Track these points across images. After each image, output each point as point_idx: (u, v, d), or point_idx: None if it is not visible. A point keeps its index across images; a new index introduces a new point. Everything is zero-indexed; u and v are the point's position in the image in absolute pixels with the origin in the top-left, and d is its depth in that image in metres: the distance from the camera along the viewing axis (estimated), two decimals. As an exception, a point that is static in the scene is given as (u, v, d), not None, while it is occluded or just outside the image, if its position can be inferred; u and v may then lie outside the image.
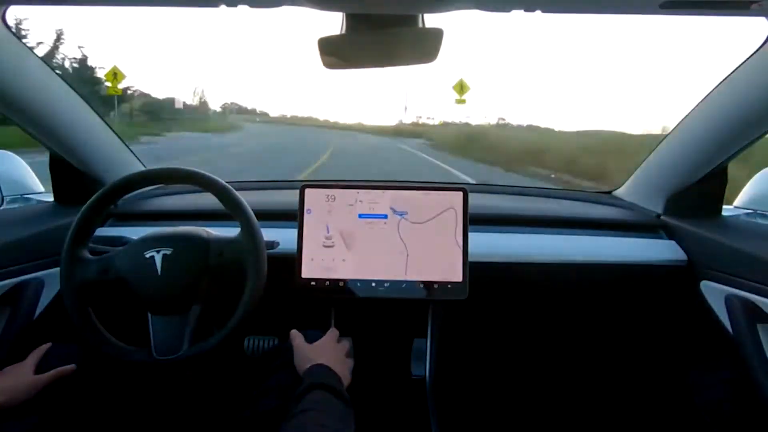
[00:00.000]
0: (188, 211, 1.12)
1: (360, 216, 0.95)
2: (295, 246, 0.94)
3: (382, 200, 0.96)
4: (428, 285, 0.93)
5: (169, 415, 0.95)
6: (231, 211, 0.81)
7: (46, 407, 0.72)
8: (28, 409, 0.70)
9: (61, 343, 0.83)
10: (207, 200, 0.97)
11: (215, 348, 0.77)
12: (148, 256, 0.78)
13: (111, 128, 1.13)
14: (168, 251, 0.78)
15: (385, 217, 0.95)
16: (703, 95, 0.95)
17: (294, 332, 0.83)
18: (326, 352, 0.78)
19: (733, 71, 0.86)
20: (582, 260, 1.04)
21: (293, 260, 0.94)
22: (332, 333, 0.85)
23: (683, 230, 1.05)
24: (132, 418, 0.88)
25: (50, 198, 1.15)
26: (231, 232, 0.85)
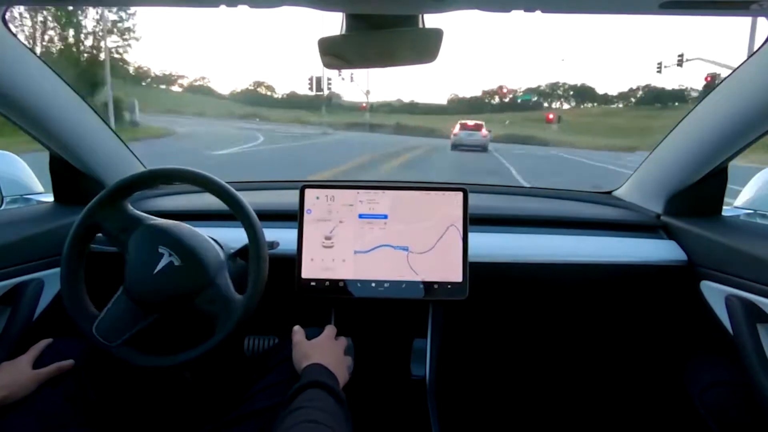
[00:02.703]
0: (189, 212, 1.12)
1: (360, 216, 0.95)
2: (295, 246, 0.94)
3: (382, 200, 0.96)
4: (428, 285, 0.93)
5: (168, 414, 0.95)
6: (234, 212, 0.81)
7: (44, 403, 0.72)
8: (27, 405, 0.70)
9: (61, 338, 0.83)
10: (208, 200, 0.97)
11: (201, 356, 0.77)
12: (159, 251, 0.78)
13: (111, 128, 1.13)
14: (176, 262, 0.78)
15: (385, 217, 0.95)
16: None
17: (296, 328, 0.83)
18: (323, 350, 0.78)
19: (734, 71, 0.86)
20: (582, 260, 1.04)
21: (293, 260, 0.94)
22: (330, 330, 0.85)
23: (683, 230, 1.05)
24: (130, 418, 0.88)
25: (50, 198, 1.15)
26: (232, 233, 0.85)
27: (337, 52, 0.77)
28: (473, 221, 0.98)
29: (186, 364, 0.78)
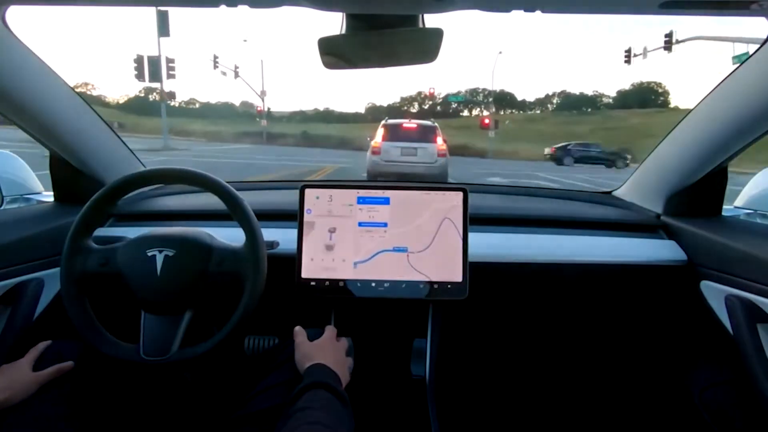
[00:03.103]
0: (188, 211, 1.12)
1: (360, 224, 0.95)
2: (295, 246, 0.94)
3: (381, 207, 0.96)
4: (428, 285, 0.93)
5: (169, 414, 0.95)
6: (232, 212, 0.81)
7: (44, 405, 0.71)
8: (27, 407, 0.70)
9: (60, 340, 0.83)
10: (207, 200, 0.97)
11: (203, 355, 0.77)
12: (150, 254, 0.78)
13: (111, 128, 1.13)
14: (170, 252, 0.78)
15: (385, 225, 0.95)
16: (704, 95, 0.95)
17: (298, 329, 0.83)
18: (325, 350, 0.78)
19: (733, 71, 0.86)
20: (582, 260, 1.04)
21: (293, 260, 0.94)
22: (331, 331, 0.85)
23: (683, 230, 1.05)
24: (130, 418, 0.88)
25: (50, 198, 1.15)
26: (232, 233, 0.85)
27: (337, 52, 0.77)
28: (473, 221, 0.98)
29: (182, 365, 0.78)
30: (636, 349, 1.26)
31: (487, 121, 27.34)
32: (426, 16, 0.70)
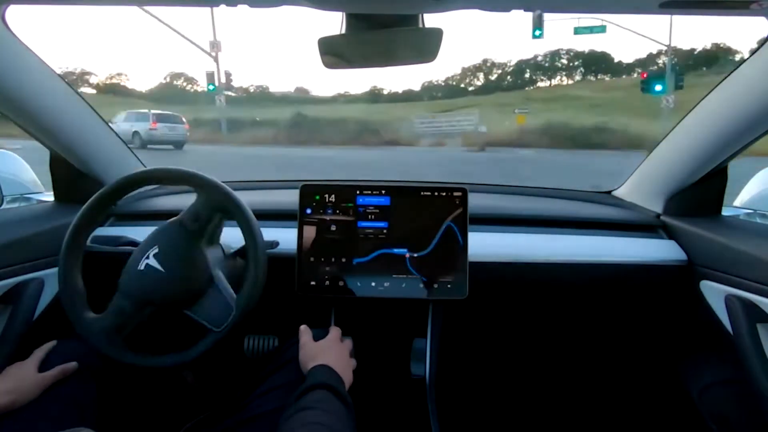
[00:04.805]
0: None
1: (359, 224, 0.95)
2: (295, 246, 0.94)
3: (382, 207, 0.96)
4: (428, 285, 0.93)
5: (169, 414, 0.95)
6: (231, 213, 0.81)
7: (48, 406, 0.71)
8: (32, 408, 0.70)
9: (64, 340, 0.83)
10: None
11: (202, 354, 0.77)
12: (143, 267, 0.78)
13: (111, 128, 1.13)
14: (155, 250, 0.78)
15: (386, 225, 0.95)
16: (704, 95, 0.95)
17: (303, 328, 0.83)
18: (330, 352, 0.78)
19: (733, 71, 0.86)
20: (582, 260, 1.04)
21: (293, 260, 0.94)
22: (335, 332, 0.85)
23: (683, 230, 1.05)
24: (134, 419, 0.88)
25: (50, 198, 1.15)
26: (232, 233, 0.85)
27: (337, 52, 0.77)
28: (473, 221, 0.98)
29: (181, 365, 0.78)
30: (636, 348, 1.26)
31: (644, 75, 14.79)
32: (426, 15, 0.70)
